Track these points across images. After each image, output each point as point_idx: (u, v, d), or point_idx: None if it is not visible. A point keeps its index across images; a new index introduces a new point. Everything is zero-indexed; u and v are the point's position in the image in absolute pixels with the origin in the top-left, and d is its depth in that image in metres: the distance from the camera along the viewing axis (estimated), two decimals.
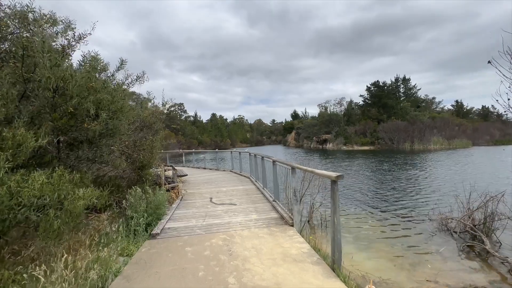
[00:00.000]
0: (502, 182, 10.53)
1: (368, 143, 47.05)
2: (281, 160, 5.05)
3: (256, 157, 8.34)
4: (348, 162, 21.52)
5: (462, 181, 10.94)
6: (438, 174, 13.41)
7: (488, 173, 13.43)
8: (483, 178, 11.92)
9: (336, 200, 2.81)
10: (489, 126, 55.14)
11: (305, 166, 4.15)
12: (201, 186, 8.74)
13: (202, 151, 16.13)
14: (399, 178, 12.57)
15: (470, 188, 5.25)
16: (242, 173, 11.08)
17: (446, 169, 15.11)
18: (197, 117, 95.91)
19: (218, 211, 5.44)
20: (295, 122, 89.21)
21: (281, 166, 5.13)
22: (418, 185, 10.75)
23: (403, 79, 55.95)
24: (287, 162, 4.55)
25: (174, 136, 57.86)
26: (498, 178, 11.61)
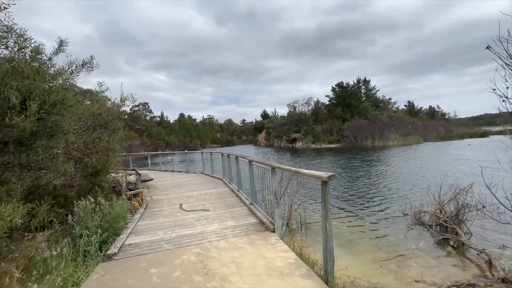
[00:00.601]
0: (456, 173, 11.53)
1: (334, 141, 49.32)
2: (259, 160, 4.65)
3: (230, 157, 7.84)
4: (319, 160, 22.07)
5: (425, 175, 11.79)
6: (403, 169, 14.30)
7: (443, 165, 14.73)
8: (441, 170, 12.98)
9: (327, 203, 2.48)
10: (435, 124, 61.71)
11: (279, 165, 3.81)
12: (169, 191, 7.95)
13: (170, 153, 15.04)
14: (370, 174, 13.09)
15: (441, 181, 5.45)
16: (215, 175, 10.47)
17: (408, 164, 16.23)
18: (163, 117, 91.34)
19: (189, 220, 4.84)
20: (265, 121, 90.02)
21: (259, 166, 4.73)
22: (388, 180, 11.25)
23: (364, 80, 59.96)
24: (266, 162, 4.16)
25: (138, 138, 54.11)
26: (453, 170, 12.72)
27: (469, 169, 12.37)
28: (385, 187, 9.69)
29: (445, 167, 13.65)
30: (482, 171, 4.42)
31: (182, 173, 12.74)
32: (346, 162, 19.27)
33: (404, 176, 11.67)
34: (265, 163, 4.21)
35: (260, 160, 4.50)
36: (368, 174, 13.26)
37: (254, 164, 5.11)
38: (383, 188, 9.55)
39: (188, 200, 6.44)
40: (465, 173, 11.51)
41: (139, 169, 15.12)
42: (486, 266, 3.56)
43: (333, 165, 17.65)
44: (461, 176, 10.22)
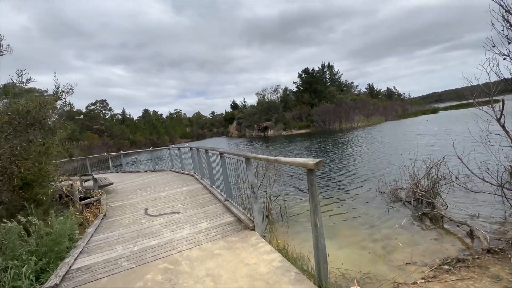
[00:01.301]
0: (426, 147, 12.23)
1: (304, 126, 50.47)
2: (231, 151, 4.12)
3: (199, 151, 7.18)
4: (293, 146, 22.18)
5: (396, 152, 12.30)
6: (375, 148, 14.82)
7: (411, 140, 15.65)
8: (410, 146, 13.73)
9: (315, 195, 2.08)
10: (393, 104, 66.48)
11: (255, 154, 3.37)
12: (133, 194, 7.08)
13: (133, 152, 13.73)
14: (345, 156, 13.33)
15: (415, 157, 5.49)
16: (185, 171, 9.70)
17: (378, 143, 16.92)
18: (125, 114, 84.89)
19: (156, 226, 4.19)
20: (235, 112, 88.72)
21: (232, 158, 4.22)
22: (362, 160, 11.48)
23: (328, 66, 61.67)
24: (239, 152, 3.65)
25: (98, 138, 49.64)
26: (416, 146, 13.51)
27: (433, 143, 13.20)
28: (360, 168, 9.85)
29: (414, 142, 14.45)
30: (453, 143, 4.45)
31: (148, 172, 11.69)
32: (319, 146, 19.62)
33: (377, 155, 12.05)
34: (238, 153, 3.70)
35: (232, 151, 3.98)
36: (343, 156, 13.52)
37: (225, 156, 4.58)
38: (358, 169, 9.69)
39: (155, 203, 5.72)
40: (434, 146, 12.20)
41: (99, 173, 13.62)
42: (468, 238, 3.59)
43: (308, 150, 17.82)
44: (429, 150, 10.80)
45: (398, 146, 14.20)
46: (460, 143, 5.04)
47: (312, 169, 2.01)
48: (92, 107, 72.01)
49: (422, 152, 9.30)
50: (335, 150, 16.33)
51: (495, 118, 4.05)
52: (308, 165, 2.00)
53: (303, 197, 6.90)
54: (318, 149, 17.46)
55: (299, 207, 5.88)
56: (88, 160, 14.21)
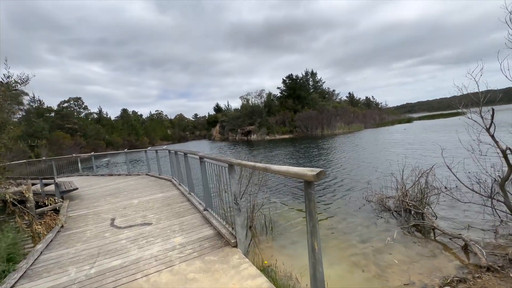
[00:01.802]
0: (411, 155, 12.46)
1: (287, 131, 50.83)
2: (212, 155, 3.67)
3: (178, 154, 6.62)
4: (278, 151, 21.94)
5: (381, 159, 12.42)
6: (359, 155, 14.91)
7: (389, 148, 16.00)
8: (395, 153, 13.97)
9: (314, 213, 1.70)
10: (372, 112, 69.23)
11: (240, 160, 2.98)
12: (101, 201, 6.34)
13: (108, 153, 12.71)
14: (330, 163, 13.23)
15: (403, 165, 5.37)
16: (162, 176, 9.03)
17: (362, 150, 17.12)
18: (102, 113, 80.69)
19: (122, 241, 3.61)
20: (218, 115, 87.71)
21: (213, 163, 3.77)
22: (348, 167, 11.36)
23: (311, 73, 63.03)
24: (221, 157, 3.22)
25: (70, 138, 46.43)
26: (399, 154, 13.79)
27: (413, 151, 13.50)
28: (345, 175, 9.72)
29: (395, 150, 14.74)
30: (442, 152, 4.34)
31: (122, 176, 10.80)
32: (304, 151, 19.56)
33: (362, 162, 12.06)
34: (220, 159, 3.27)
35: (214, 156, 3.53)
36: (328, 162, 13.43)
37: (206, 161, 4.11)
38: (344, 176, 9.56)
39: (124, 212, 5.08)
40: (415, 154, 12.42)
41: (65, 177, 12.41)
42: (463, 253, 3.43)
43: (293, 156, 17.65)
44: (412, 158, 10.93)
45: (382, 153, 14.43)
46: (441, 152, 4.97)
47: (311, 181, 1.64)
48: (65, 104, 67.65)
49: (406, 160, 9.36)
50: (320, 156, 16.31)
51: (485, 127, 3.98)
52: (306, 176, 1.63)
53: (289, 205, 6.55)
54: (303, 155, 17.37)
55: (285, 217, 5.51)
56: (54, 162, 12.95)
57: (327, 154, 16.95)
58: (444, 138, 18.81)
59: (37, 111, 52.93)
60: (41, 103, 58.18)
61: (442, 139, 17.71)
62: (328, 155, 16.17)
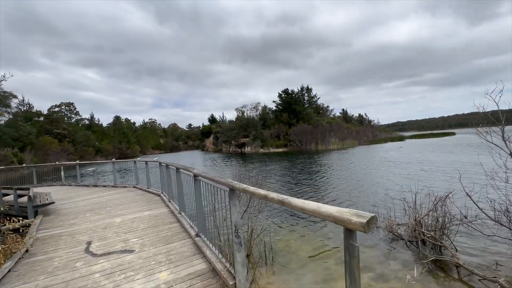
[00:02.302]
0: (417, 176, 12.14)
1: (282, 145, 50.65)
2: (209, 175, 3.17)
3: (169, 168, 6.07)
4: (273, 166, 21.38)
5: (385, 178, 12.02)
6: (360, 172, 14.41)
7: (395, 167, 15.72)
8: (397, 173, 13.65)
9: (357, 274, 1.22)
10: (365, 129, 70.15)
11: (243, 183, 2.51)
12: (80, 218, 5.65)
13: (94, 162, 11.95)
14: (329, 180, 12.75)
15: (416, 188, 4.97)
16: (151, 190, 8.37)
17: (362, 167, 16.68)
18: (94, 120, 79.06)
19: (95, 275, 2.99)
20: (213, 126, 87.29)
21: (209, 184, 3.26)
22: (347, 186, 10.79)
23: (307, 88, 64.08)
24: (221, 179, 2.73)
25: (57, 144, 44.80)
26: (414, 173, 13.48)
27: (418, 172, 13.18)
28: (346, 195, 9.20)
29: (396, 170, 14.39)
30: (460, 177, 3.97)
31: (108, 188, 10.05)
32: (301, 167, 19.08)
33: (363, 182, 11.61)
34: (219, 181, 2.77)
35: (211, 176, 3.03)
36: (328, 180, 12.96)
37: (201, 180, 3.60)
38: (345, 196, 9.06)
39: (103, 234, 4.44)
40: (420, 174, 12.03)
41: (46, 186, 11.52)
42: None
43: (291, 171, 17.14)
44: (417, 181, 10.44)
45: (382, 172, 14.08)
46: (445, 174, 4.62)
47: (353, 229, 1.18)
48: (56, 109, 66.20)
49: (409, 181, 8.99)
50: (318, 173, 15.87)
51: (509, 152, 3.64)
52: (349, 223, 1.17)
53: (290, 228, 6.00)
54: (301, 172, 16.88)
55: (286, 244, 4.95)
56: (35, 169, 12.08)
57: (325, 171, 16.53)
58: (440, 158, 18.79)
59: (25, 114, 51.30)
60: (30, 107, 56.60)
61: (439, 159, 17.66)
62: (326, 172, 15.75)
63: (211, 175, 3.08)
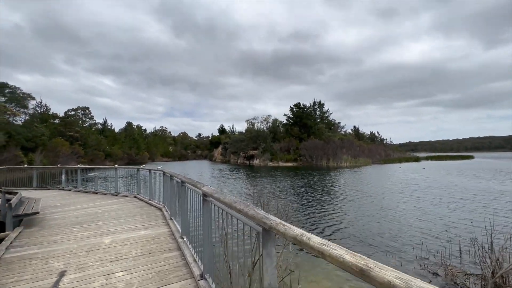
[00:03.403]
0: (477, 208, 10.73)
1: (291, 159, 49.32)
2: (226, 197, 2.21)
3: (173, 179, 5.16)
4: (284, 182, 20.10)
5: (412, 204, 10.71)
6: (381, 196, 13.05)
7: (416, 192, 14.30)
8: (421, 201, 12.26)
9: None
10: (377, 147, 67.91)
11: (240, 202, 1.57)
12: (64, 234, 4.76)
13: (96, 167, 11.25)
14: (356, 203, 11.48)
15: (491, 226, 3.83)
16: (153, 202, 7.47)
17: (379, 189, 15.30)
18: (106, 125, 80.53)
19: None
20: (222, 136, 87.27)
21: (225, 211, 2.31)
22: (374, 212, 9.60)
23: (319, 103, 63.19)
24: (248, 208, 1.77)
25: (69, 146, 45.23)
26: (434, 201, 12.10)
27: (457, 200, 11.64)
28: (377, 223, 7.97)
29: (434, 197, 12.74)
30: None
31: (107, 196, 9.24)
32: (317, 186, 17.77)
33: (394, 208, 10.18)
34: (243, 210, 1.80)
35: (229, 201, 2.07)
36: (355, 204, 11.64)
37: (212, 202, 2.66)
38: (377, 224, 7.82)
39: (84, 261, 3.50)
40: (466, 205, 10.50)
41: (45, 190, 10.82)
42: None
43: (305, 191, 15.90)
44: (463, 210, 9.04)
45: (412, 197, 12.67)
46: (491, 205, 3.46)
47: None
48: (72, 112, 67.75)
49: (455, 212, 7.70)
50: (338, 193, 14.52)
51: None
52: None
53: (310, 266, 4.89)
54: (318, 191, 15.54)
55: None
56: (36, 171, 11.49)
57: (345, 191, 15.12)
58: (472, 183, 17.11)
59: (41, 116, 52.57)
60: (47, 109, 58.10)
61: (472, 185, 16.03)
62: (346, 194, 14.34)
63: (230, 198, 2.13)
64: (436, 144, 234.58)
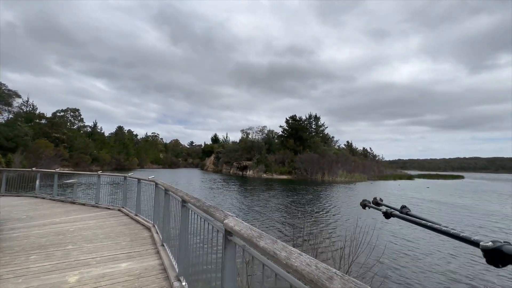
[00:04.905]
0: None
1: (286, 172, 48.30)
2: (270, 244, 1.17)
3: (169, 194, 4.02)
4: (280, 199, 18.77)
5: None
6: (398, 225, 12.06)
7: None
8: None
9: None
10: (371, 164, 67.86)
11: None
12: (13, 264, 3.50)
13: (76, 173, 9.86)
14: (375, 230, 10.49)
15: None
16: (140, 218, 6.23)
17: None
18: (96, 128, 77.82)
19: None
20: (215, 145, 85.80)
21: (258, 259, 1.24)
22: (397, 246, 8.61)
23: (315, 117, 63.17)
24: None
25: (53, 148, 42.81)
26: None
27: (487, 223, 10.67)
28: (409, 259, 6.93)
29: (459, 220, 11.84)
30: None
31: (87, 208, 7.90)
32: (316, 203, 16.65)
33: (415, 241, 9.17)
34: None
35: (272, 249, 1.00)
36: (375, 231, 10.68)
37: (244, 249, 1.57)
38: (405, 258, 6.80)
39: None
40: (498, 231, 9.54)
41: (8, 196, 9.33)
42: None
43: (305, 208, 14.78)
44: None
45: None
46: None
47: None
48: (61, 114, 65.06)
49: None
50: (341, 215, 13.49)
51: None
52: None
53: None
54: (320, 210, 14.47)
55: None
56: (6, 174, 10.00)
57: (351, 213, 14.04)
58: (483, 205, 16.43)
59: (26, 115, 50.10)
60: (33, 108, 55.60)
61: (484, 207, 15.31)
62: (352, 214, 13.30)
63: (271, 244, 1.06)
64: (424, 162, 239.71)
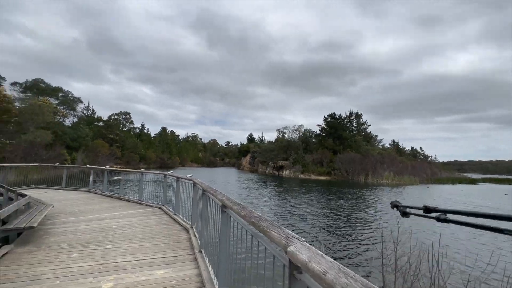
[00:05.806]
0: None
1: (324, 173, 46.08)
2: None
3: (207, 195, 3.59)
4: (340, 201, 17.54)
5: None
6: None
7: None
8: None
9: None
10: (421, 165, 60.79)
11: None
12: (56, 262, 3.43)
13: (122, 170, 10.38)
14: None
15: None
16: (178, 218, 6.04)
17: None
18: (143, 129, 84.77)
19: None
20: (251, 145, 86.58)
21: None
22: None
23: (356, 114, 59.12)
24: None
25: (108, 148, 47.74)
26: None
27: None
28: None
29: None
30: None
31: (131, 204, 8.11)
32: (367, 206, 15.16)
33: None
34: None
35: None
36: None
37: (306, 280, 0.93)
38: None
39: None
40: None
41: (72, 189, 10.19)
42: None
43: (354, 215, 13.49)
44: None
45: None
46: None
47: None
48: (115, 117, 72.43)
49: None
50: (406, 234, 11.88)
51: None
52: None
53: None
54: (388, 218, 13.00)
55: None
56: (66, 170, 10.99)
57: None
58: None
59: (87, 118, 56.85)
60: (93, 112, 62.84)
61: None
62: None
63: None
64: (488, 164, 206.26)
